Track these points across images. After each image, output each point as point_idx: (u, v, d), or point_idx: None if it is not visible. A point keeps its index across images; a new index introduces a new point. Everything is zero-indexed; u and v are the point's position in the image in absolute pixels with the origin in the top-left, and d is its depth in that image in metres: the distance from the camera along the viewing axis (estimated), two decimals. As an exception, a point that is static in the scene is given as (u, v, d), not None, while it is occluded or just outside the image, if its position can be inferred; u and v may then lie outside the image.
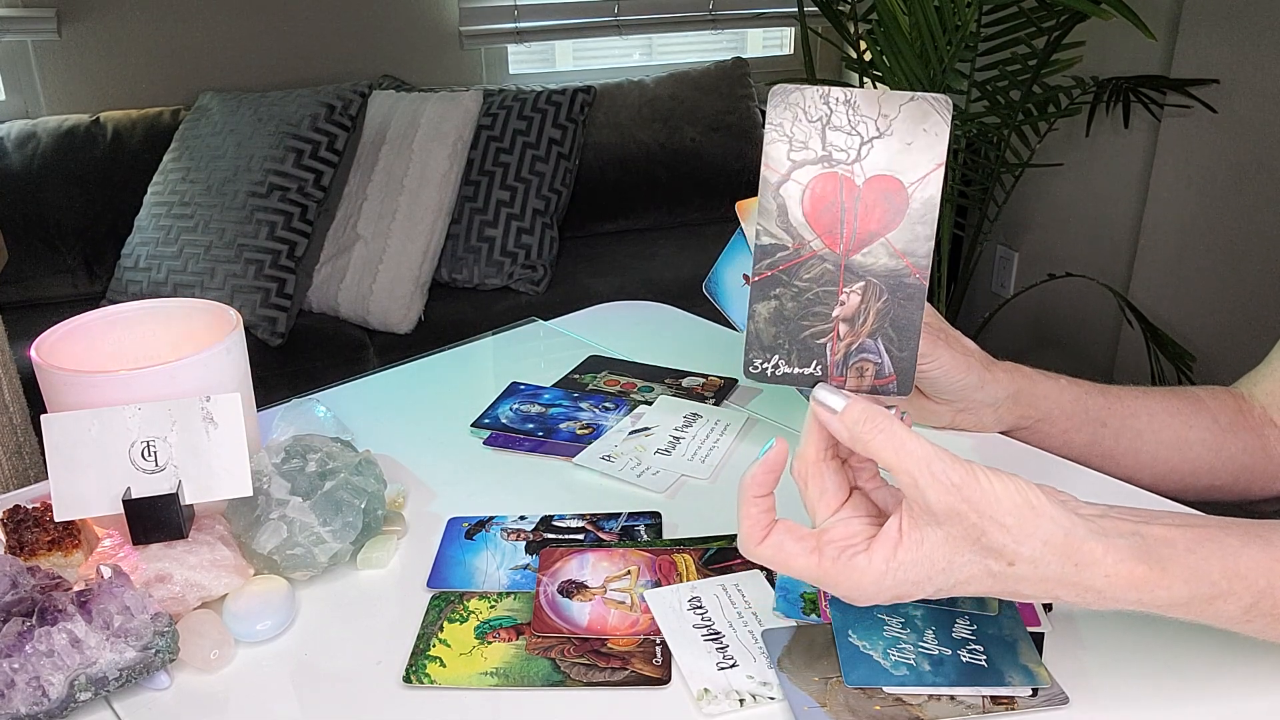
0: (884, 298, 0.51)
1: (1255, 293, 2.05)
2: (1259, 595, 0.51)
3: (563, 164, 2.41)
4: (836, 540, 0.52)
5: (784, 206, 0.50)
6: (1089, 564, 0.49)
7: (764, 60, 3.13)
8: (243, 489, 0.65)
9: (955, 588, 0.51)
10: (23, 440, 1.05)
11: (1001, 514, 0.49)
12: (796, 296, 0.51)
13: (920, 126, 0.49)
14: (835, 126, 0.49)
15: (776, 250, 0.50)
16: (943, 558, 0.49)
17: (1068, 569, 0.49)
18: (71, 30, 2.45)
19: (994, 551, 0.49)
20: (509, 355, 1.04)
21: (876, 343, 0.52)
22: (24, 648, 0.55)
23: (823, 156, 0.49)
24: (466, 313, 2.28)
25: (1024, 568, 0.49)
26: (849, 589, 0.51)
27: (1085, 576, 0.50)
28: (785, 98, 0.49)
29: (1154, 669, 0.58)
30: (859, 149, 0.49)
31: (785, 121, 0.50)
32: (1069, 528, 0.49)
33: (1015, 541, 0.49)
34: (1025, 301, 2.51)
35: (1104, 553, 0.49)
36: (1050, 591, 0.50)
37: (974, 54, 2.04)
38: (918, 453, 0.49)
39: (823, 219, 0.50)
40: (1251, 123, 1.99)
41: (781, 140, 0.50)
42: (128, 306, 0.78)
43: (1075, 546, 0.49)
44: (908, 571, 0.50)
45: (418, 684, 0.59)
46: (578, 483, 0.79)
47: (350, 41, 2.67)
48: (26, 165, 2.28)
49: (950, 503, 0.48)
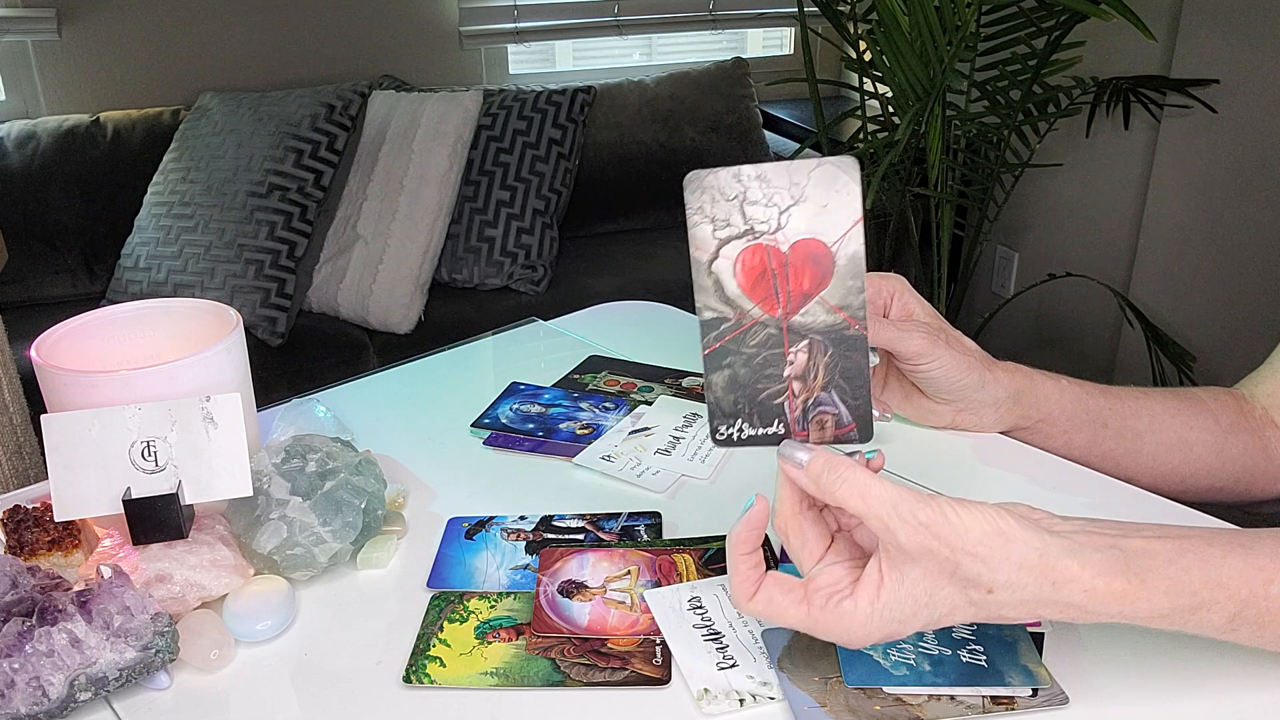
0: (829, 352, 0.53)
1: (1255, 293, 2.05)
2: (1241, 605, 0.52)
3: (563, 164, 2.41)
4: (823, 588, 0.53)
5: (719, 282, 0.52)
6: (1066, 581, 0.50)
7: (764, 60, 3.13)
8: (243, 489, 0.65)
9: (942, 619, 0.52)
10: (23, 440, 1.05)
11: (972, 544, 0.49)
12: (747, 363, 0.53)
13: (831, 189, 0.51)
14: (752, 201, 0.51)
15: (720, 323, 0.53)
16: (924, 593, 0.51)
17: (1045, 589, 0.50)
18: (71, 30, 2.45)
19: (970, 582, 0.50)
20: (509, 355, 1.04)
21: (831, 395, 0.53)
22: (24, 648, 0.55)
23: (745, 230, 0.51)
24: (466, 313, 2.28)
25: (1003, 594, 0.50)
26: (840, 634, 0.52)
27: (1064, 594, 0.50)
28: (700, 182, 0.52)
29: (1154, 669, 0.58)
30: (778, 218, 0.51)
31: (705, 204, 0.52)
32: (1042, 548, 0.50)
33: (990, 570, 0.50)
34: (1025, 301, 2.51)
35: (1080, 569, 0.50)
36: (1034, 612, 0.51)
37: (974, 54, 2.04)
38: (883, 496, 0.50)
39: (758, 288, 0.52)
40: (1251, 123, 1.99)
41: (705, 222, 0.52)
42: (128, 306, 0.78)
43: (1050, 565, 0.50)
44: (892, 610, 0.51)
45: (418, 684, 0.59)
46: (578, 483, 0.79)
47: (350, 41, 2.67)
48: (26, 165, 2.28)
49: (921, 541, 0.49)
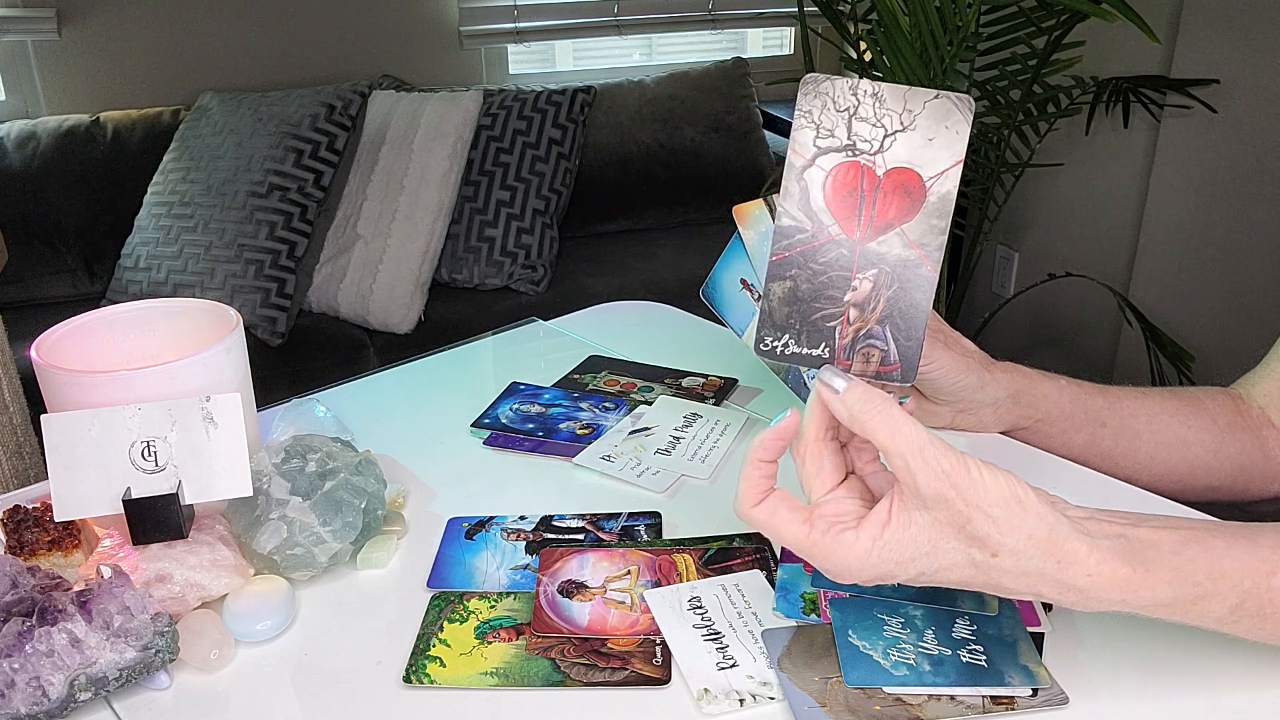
0: (894, 286, 0.52)
1: (1255, 293, 2.05)
2: (1244, 596, 0.52)
3: (563, 164, 2.41)
4: (828, 515, 0.53)
5: (806, 190, 0.51)
6: (1072, 562, 0.50)
7: (764, 60, 3.13)
8: (243, 489, 0.65)
9: (938, 573, 0.51)
10: (23, 440, 1.05)
11: (988, 504, 0.49)
12: (811, 279, 0.52)
13: (943, 124, 0.50)
14: (861, 117, 0.51)
15: (796, 232, 0.52)
16: (927, 541, 0.50)
17: (1049, 565, 0.50)
18: (71, 30, 2.45)
19: (978, 540, 0.50)
20: (509, 355, 1.04)
21: (884, 330, 0.53)
22: (24, 648, 0.55)
23: (847, 145, 0.51)
24: (466, 313, 2.28)
25: (1006, 559, 0.50)
26: (834, 563, 0.52)
27: (1067, 574, 0.50)
28: (816, 86, 0.51)
29: (1154, 669, 0.58)
30: (882, 140, 0.51)
31: (814, 109, 0.51)
32: (1054, 524, 0.50)
33: (1000, 532, 0.50)
34: (1025, 301, 2.51)
35: (1088, 552, 0.50)
36: (1032, 587, 0.51)
37: (974, 54, 2.04)
38: (912, 437, 0.50)
39: (843, 205, 0.51)
40: (1251, 123, 1.99)
41: (809, 127, 0.51)
42: (128, 306, 0.78)
43: (1059, 544, 0.50)
44: (892, 551, 0.51)
45: (418, 684, 0.59)
46: (578, 483, 0.79)
47: (350, 41, 2.67)
48: (26, 165, 2.28)
49: (939, 488, 0.49)
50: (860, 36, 2.20)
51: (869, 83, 0.51)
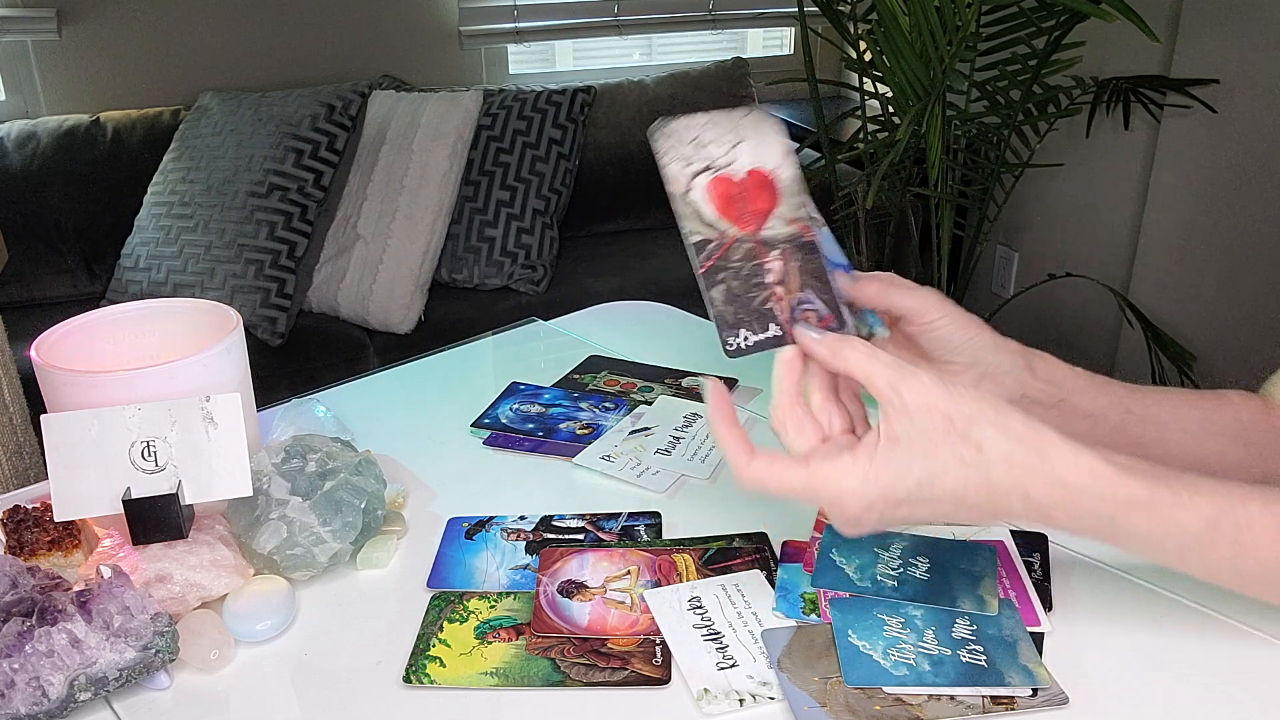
0: (798, 257, 0.60)
1: (1255, 293, 2.05)
2: (1219, 512, 0.54)
3: (563, 164, 2.41)
4: (822, 450, 0.56)
5: (696, 210, 0.60)
6: (1049, 450, 0.54)
7: (764, 60, 3.13)
8: (243, 489, 0.65)
9: (935, 482, 0.54)
10: (23, 440, 1.05)
11: (966, 404, 0.54)
12: (736, 275, 0.59)
13: (760, 130, 0.60)
14: (705, 142, 0.60)
15: (706, 244, 0.60)
16: (919, 449, 0.54)
17: (1030, 454, 0.54)
18: (71, 30, 2.45)
19: (962, 437, 0.54)
20: (509, 355, 1.04)
21: (809, 294, 0.60)
22: (24, 648, 0.55)
23: (706, 167, 0.60)
24: (466, 313, 2.28)
25: (991, 449, 0.54)
26: (835, 492, 0.54)
27: (1048, 463, 0.54)
28: (661, 130, 0.60)
29: (1154, 669, 0.58)
30: (729, 153, 0.60)
31: (670, 148, 0.60)
32: (1028, 420, 0.55)
33: (979, 427, 0.54)
34: (1025, 301, 2.51)
35: (1062, 443, 0.54)
36: (1019, 482, 0.54)
37: (974, 54, 2.04)
38: (889, 360, 0.55)
39: (729, 210, 0.59)
40: (1251, 123, 1.99)
41: (675, 161, 0.60)
42: (128, 306, 0.78)
43: (1037, 435, 0.54)
44: (888, 466, 0.54)
45: (418, 684, 0.59)
46: (578, 483, 0.79)
47: (350, 41, 2.67)
48: (26, 165, 2.28)
49: (922, 397, 0.54)
50: (860, 36, 2.20)
51: (700, 115, 0.60)
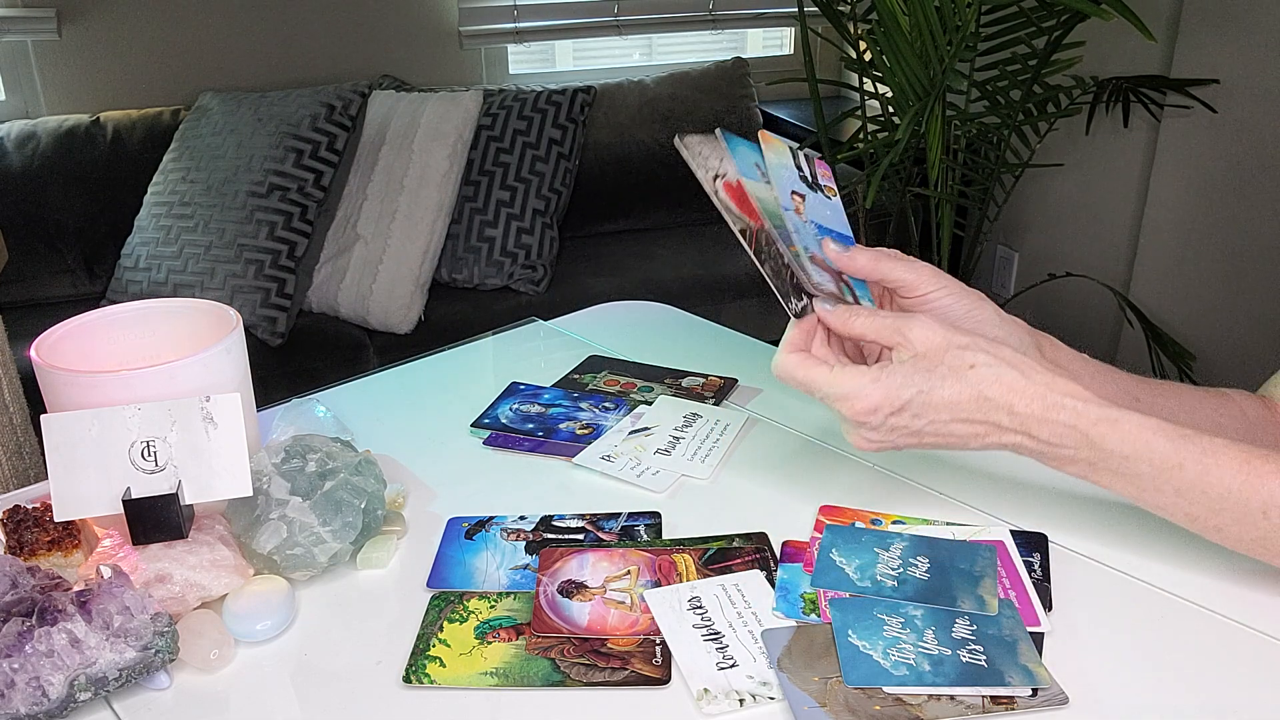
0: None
1: (1255, 293, 2.05)
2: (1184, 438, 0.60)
3: (563, 164, 2.41)
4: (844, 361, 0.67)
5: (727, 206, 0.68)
6: (1037, 375, 0.63)
7: (764, 60, 3.13)
8: (243, 489, 0.65)
9: (933, 390, 0.62)
10: (23, 440, 1.05)
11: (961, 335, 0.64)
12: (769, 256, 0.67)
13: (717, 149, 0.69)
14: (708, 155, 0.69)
15: (746, 232, 0.68)
16: (922, 366, 0.63)
17: (1019, 377, 0.62)
18: (71, 30, 2.45)
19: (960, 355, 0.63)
20: (509, 355, 1.04)
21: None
22: (24, 648, 0.55)
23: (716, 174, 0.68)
24: (466, 313, 2.28)
25: (984, 370, 0.62)
26: (847, 390, 0.63)
27: (1033, 384, 0.62)
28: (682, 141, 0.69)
29: (1154, 669, 0.58)
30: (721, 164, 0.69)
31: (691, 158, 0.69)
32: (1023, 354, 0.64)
33: (972, 353, 0.63)
34: (1025, 301, 2.51)
35: (1051, 372, 0.63)
36: (1006, 397, 0.62)
37: (974, 54, 2.04)
38: (891, 314, 0.65)
39: (744, 208, 0.68)
40: (1251, 123, 1.99)
41: (698, 169, 0.69)
42: (128, 306, 0.78)
43: (1024, 361, 0.63)
44: (894, 374, 0.63)
45: (418, 684, 0.59)
46: (578, 483, 0.79)
47: (350, 41, 2.67)
48: (26, 165, 2.28)
49: (926, 334, 0.63)
50: (860, 36, 2.20)
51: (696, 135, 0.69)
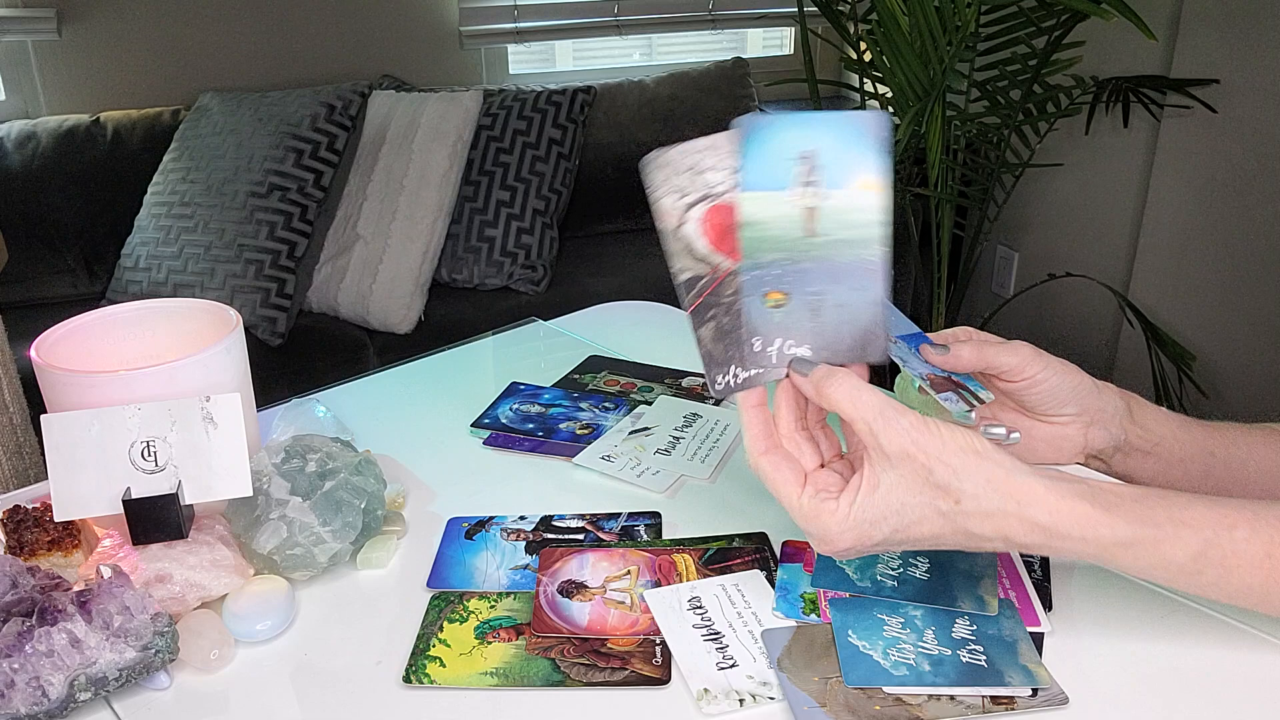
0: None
1: (1255, 293, 2.05)
2: (1205, 544, 0.54)
3: (563, 164, 2.41)
4: (820, 481, 0.57)
5: (688, 244, 0.56)
6: (1031, 500, 0.53)
7: (764, 60, 3.13)
8: (243, 489, 0.65)
9: (910, 529, 0.55)
10: (23, 440, 1.05)
11: (947, 454, 0.54)
12: (727, 311, 0.56)
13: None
14: (704, 169, 0.55)
15: (697, 281, 0.56)
16: (896, 499, 0.54)
17: (1010, 504, 0.53)
18: (71, 30, 2.45)
19: (941, 489, 0.54)
20: (509, 355, 1.04)
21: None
22: (24, 648, 0.55)
23: (703, 195, 0.55)
24: (466, 313, 2.28)
25: (969, 503, 0.54)
26: (817, 528, 0.56)
27: (1029, 512, 0.53)
28: (655, 161, 0.55)
29: (1154, 669, 0.58)
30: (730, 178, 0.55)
31: (663, 181, 0.56)
32: (1010, 468, 0.54)
33: (959, 479, 0.53)
34: (1025, 301, 2.51)
35: (1045, 491, 0.54)
36: (1000, 529, 0.54)
37: (974, 54, 2.04)
38: (871, 402, 0.55)
39: (724, 242, 0.55)
40: (1251, 123, 1.99)
41: (669, 194, 0.55)
42: (128, 306, 0.78)
43: (1016, 483, 0.54)
44: (865, 511, 0.55)
45: (418, 684, 0.59)
46: (578, 483, 0.79)
47: (350, 41, 2.67)
48: (26, 165, 2.28)
49: (901, 444, 0.54)
50: (860, 37, 2.20)
51: (699, 139, 0.55)
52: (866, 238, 0.56)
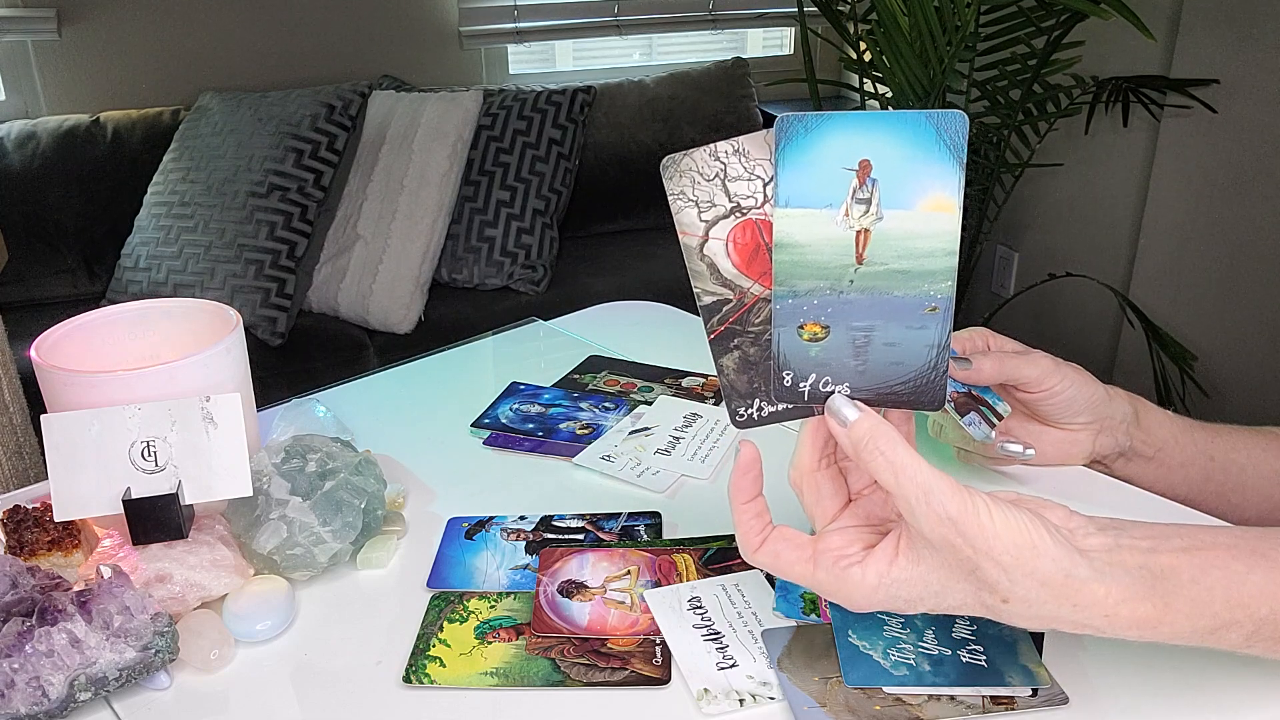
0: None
1: (1255, 293, 2.05)
2: (1260, 623, 0.50)
3: (563, 164, 2.41)
4: (832, 549, 0.52)
5: (713, 264, 0.50)
6: (1088, 605, 0.49)
7: (764, 60, 3.13)
8: (243, 489, 0.65)
9: (947, 610, 0.51)
10: (23, 440, 1.05)
11: (998, 552, 0.48)
12: (755, 341, 0.51)
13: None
14: (734, 177, 0.49)
15: (722, 305, 0.50)
16: (936, 582, 0.49)
17: (1065, 609, 0.49)
18: (71, 30, 2.45)
19: (988, 586, 0.48)
20: (509, 355, 1.04)
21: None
22: (24, 648, 0.55)
23: (732, 209, 0.49)
24: (466, 313, 2.28)
25: (1018, 606, 0.49)
26: (842, 598, 0.51)
27: (1083, 616, 0.49)
28: (676, 166, 0.49)
29: (1154, 669, 0.58)
30: (763, 190, 0.49)
31: (685, 188, 0.49)
32: (1069, 569, 0.48)
33: (1010, 580, 0.48)
34: (1025, 301, 2.51)
35: (1105, 594, 0.48)
36: (1046, 624, 0.50)
37: (974, 54, 2.04)
38: (917, 479, 0.48)
39: (754, 264, 0.49)
40: (1251, 123, 1.99)
41: (689, 206, 0.49)
42: (128, 306, 0.78)
43: (1075, 589, 0.48)
44: (900, 589, 0.50)
45: (418, 684, 0.59)
46: (578, 483, 0.79)
47: (350, 41, 2.67)
48: (26, 165, 2.28)
49: (945, 535, 0.48)
50: (860, 37, 2.20)
51: (727, 142, 0.48)
52: (931, 270, 0.47)
